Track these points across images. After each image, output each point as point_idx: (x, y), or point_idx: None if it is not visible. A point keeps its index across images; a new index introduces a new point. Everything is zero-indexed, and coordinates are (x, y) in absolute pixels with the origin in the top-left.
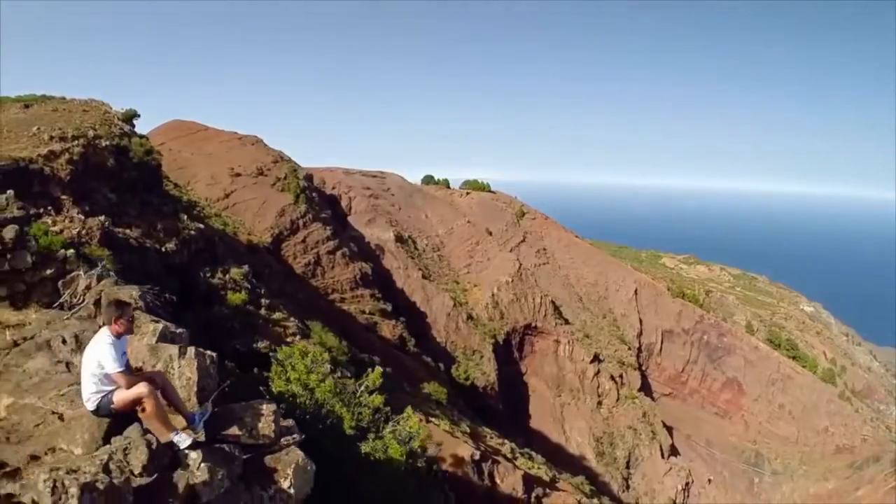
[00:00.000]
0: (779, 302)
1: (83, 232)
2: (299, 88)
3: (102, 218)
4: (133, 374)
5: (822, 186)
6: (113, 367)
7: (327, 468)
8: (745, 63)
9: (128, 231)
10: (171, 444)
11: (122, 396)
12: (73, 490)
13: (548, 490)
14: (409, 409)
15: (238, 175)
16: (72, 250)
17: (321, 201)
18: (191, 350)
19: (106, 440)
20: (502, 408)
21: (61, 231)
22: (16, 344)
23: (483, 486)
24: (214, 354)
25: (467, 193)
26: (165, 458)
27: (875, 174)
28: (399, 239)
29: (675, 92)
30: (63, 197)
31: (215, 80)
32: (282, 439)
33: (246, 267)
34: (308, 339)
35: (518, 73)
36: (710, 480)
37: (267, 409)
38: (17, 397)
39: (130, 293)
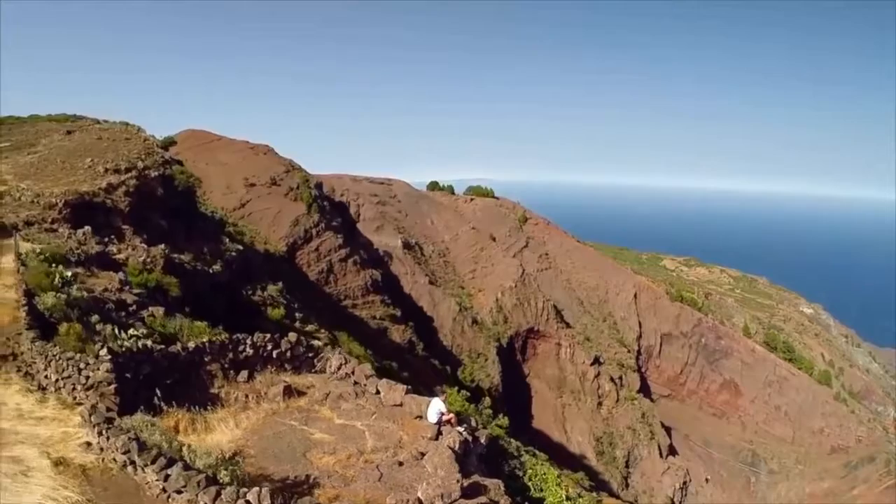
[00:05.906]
0: (778, 304)
1: (148, 259)
2: (300, 91)
3: (163, 246)
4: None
5: (823, 187)
6: (445, 409)
7: None
8: (746, 62)
9: (182, 256)
10: (459, 431)
11: (447, 418)
12: (465, 435)
13: None
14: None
15: (252, 185)
16: (319, 342)
17: (332, 209)
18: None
19: (437, 433)
20: (506, 408)
21: (126, 258)
22: (325, 397)
23: None
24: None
25: (471, 199)
26: (463, 434)
27: (875, 174)
28: (406, 246)
29: (675, 91)
30: (124, 227)
31: (215, 83)
32: (479, 425)
33: (280, 283)
34: (336, 348)
35: (519, 74)
36: (707, 479)
37: (474, 420)
38: (362, 420)
39: (369, 366)
